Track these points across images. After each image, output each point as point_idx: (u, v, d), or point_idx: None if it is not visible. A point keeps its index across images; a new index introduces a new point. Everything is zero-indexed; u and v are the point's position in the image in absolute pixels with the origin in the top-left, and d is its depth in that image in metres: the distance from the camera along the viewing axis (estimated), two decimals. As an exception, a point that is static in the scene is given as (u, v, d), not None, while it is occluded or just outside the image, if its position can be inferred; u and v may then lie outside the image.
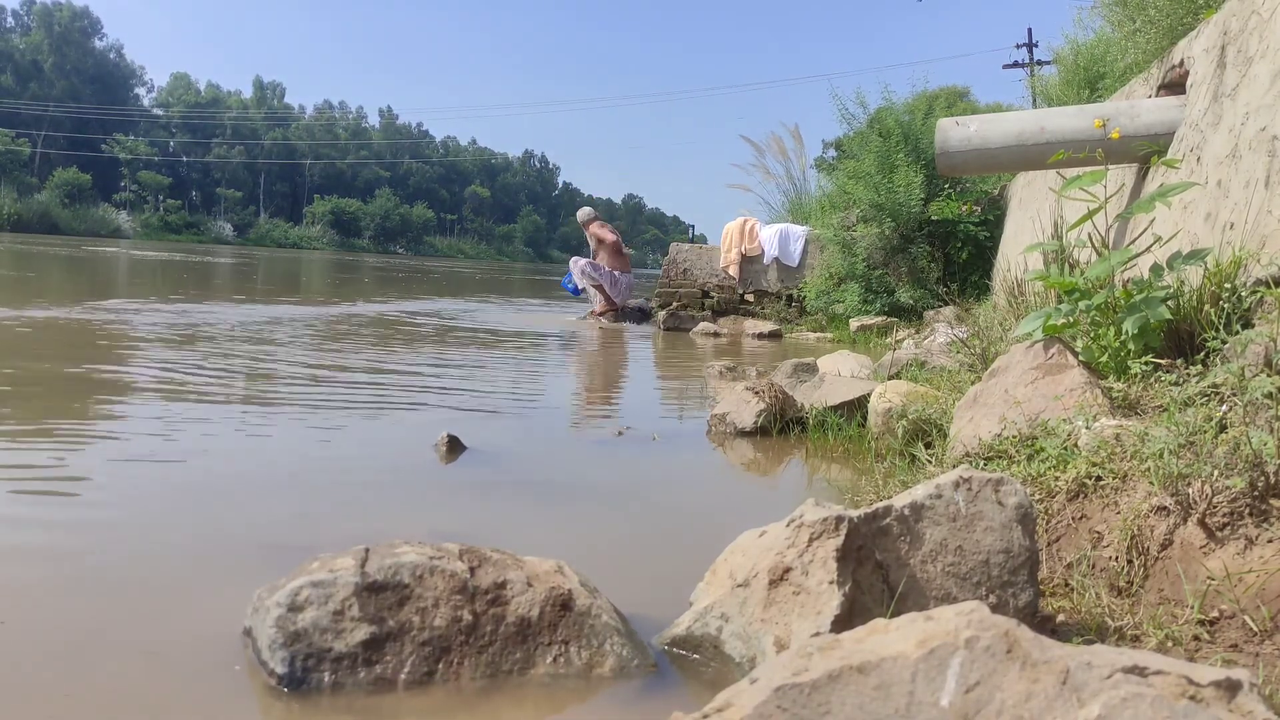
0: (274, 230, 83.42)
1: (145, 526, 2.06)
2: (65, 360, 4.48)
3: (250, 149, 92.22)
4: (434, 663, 1.33)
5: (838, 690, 0.87)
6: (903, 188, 8.38)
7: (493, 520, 2.27)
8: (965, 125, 4.43)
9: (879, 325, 7.78)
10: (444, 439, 2.89)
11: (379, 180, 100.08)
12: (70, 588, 1.67)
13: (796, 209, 12.16)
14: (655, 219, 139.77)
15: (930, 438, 2.74)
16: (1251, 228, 2.67)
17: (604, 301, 10.01)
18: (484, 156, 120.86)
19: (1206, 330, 2.24)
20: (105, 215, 68.42)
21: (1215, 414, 1.76)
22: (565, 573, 1.47)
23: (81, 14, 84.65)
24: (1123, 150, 3.85)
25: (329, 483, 2.54)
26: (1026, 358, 2.32)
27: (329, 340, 6.40)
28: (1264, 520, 1.46)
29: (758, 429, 3.37)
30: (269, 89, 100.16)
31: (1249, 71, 2.96)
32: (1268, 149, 2.68)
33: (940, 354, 4.43)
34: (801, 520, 1.43)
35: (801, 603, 1.36)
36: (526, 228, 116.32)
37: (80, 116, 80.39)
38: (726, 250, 10.02)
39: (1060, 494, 1.84)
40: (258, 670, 1.32)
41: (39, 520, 2.06)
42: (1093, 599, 1.57)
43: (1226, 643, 1.36)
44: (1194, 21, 3.89)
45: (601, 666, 1.37)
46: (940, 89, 18.55)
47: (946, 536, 1.44)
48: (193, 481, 2.45)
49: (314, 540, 1.91)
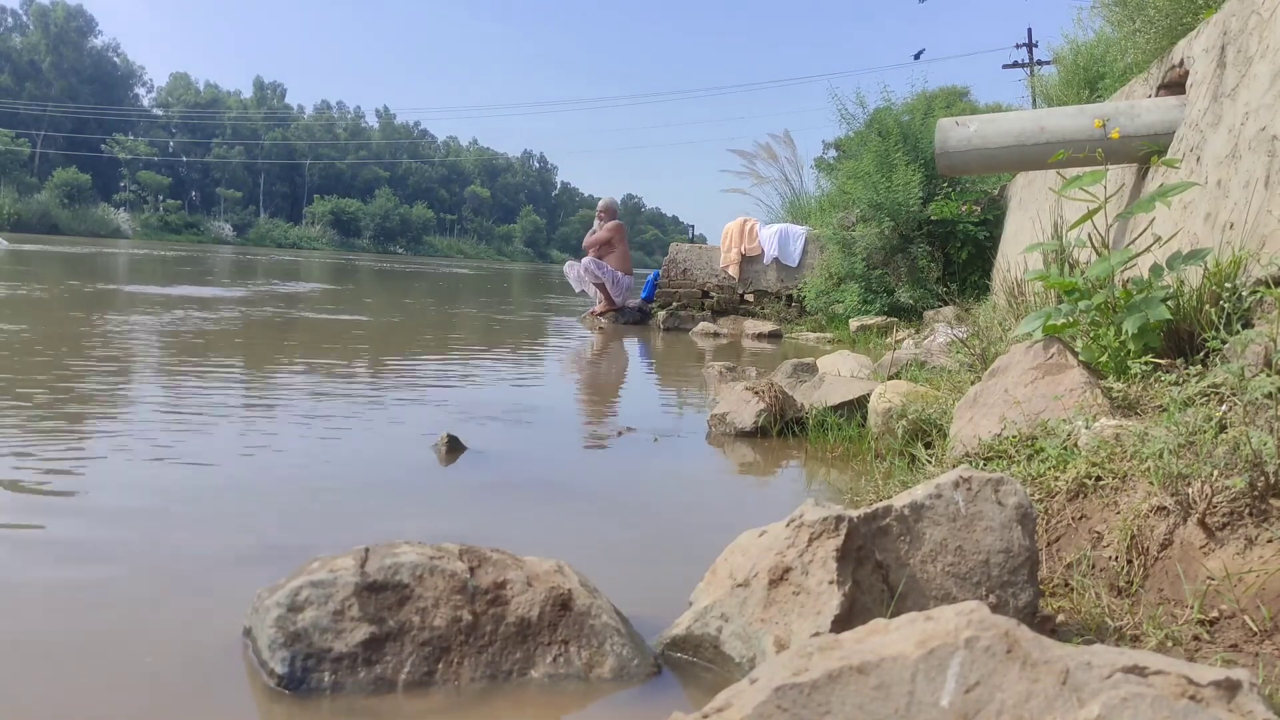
0: (274, 230, 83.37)
1: (144, 526, 2.05)
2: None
3: (250, 149, 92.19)
4: (434, 663, 1.33)
5: (838, 690, 0.87)
6: (902, 187, 8.38)
7: (493, 520, 2.27)
8: (965, 125, 4.43)
9: (879, 325, 7.77)
10: (443, 439, 2.88)
11: (378, 180, 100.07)
12: (70, 587, 1.67)
13: (795, 210, 12.16)
14: (655, 219, 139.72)
15: (930, 438, 2.74)
16: (1251, 227, 2.67)
17: (605, 301, 10.01)
18: (485, 156, 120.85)
19: (1206, 330, 2.24)
20: (105, 215, 68.34)
21: (1215, 414, 1.76)
22: (565, 572, 1.47)
23: (75, 13, 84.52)
24: (1123, 150, 3.85)
25: (328, 483, 2.54)
26: (1026, 358, 2.32)
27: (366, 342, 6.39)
28: (1264, 520, 1.46)
29: (757, 429, 3.37)
30: (269, 89, 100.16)
31: (1249, 71, 2.96)
32: (1267, 149, 2.68)
33: (940, 354, 4.43)
34: (801, 520, 1.43)
35: (801, 603, 1.36)
36: (526, 228, 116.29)
37: (79, 116, 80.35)
38: (726, 250, 10.01)
39: (1060, 494, 1.84)
40: (257, 670, 1.32)
41: (37, 519, 2.05)
42: (1092, 599, 1.57)
43: (1226, 643, 1.36)
44: (1194, 21, 3.89)
45: (601, 667, 1.37)
46: (940, 89, 18.53)
47: (946, 536, 1.44)
48: (192, 481, 2.45)
49: (313, 541, 1.91)
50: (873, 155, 8.87)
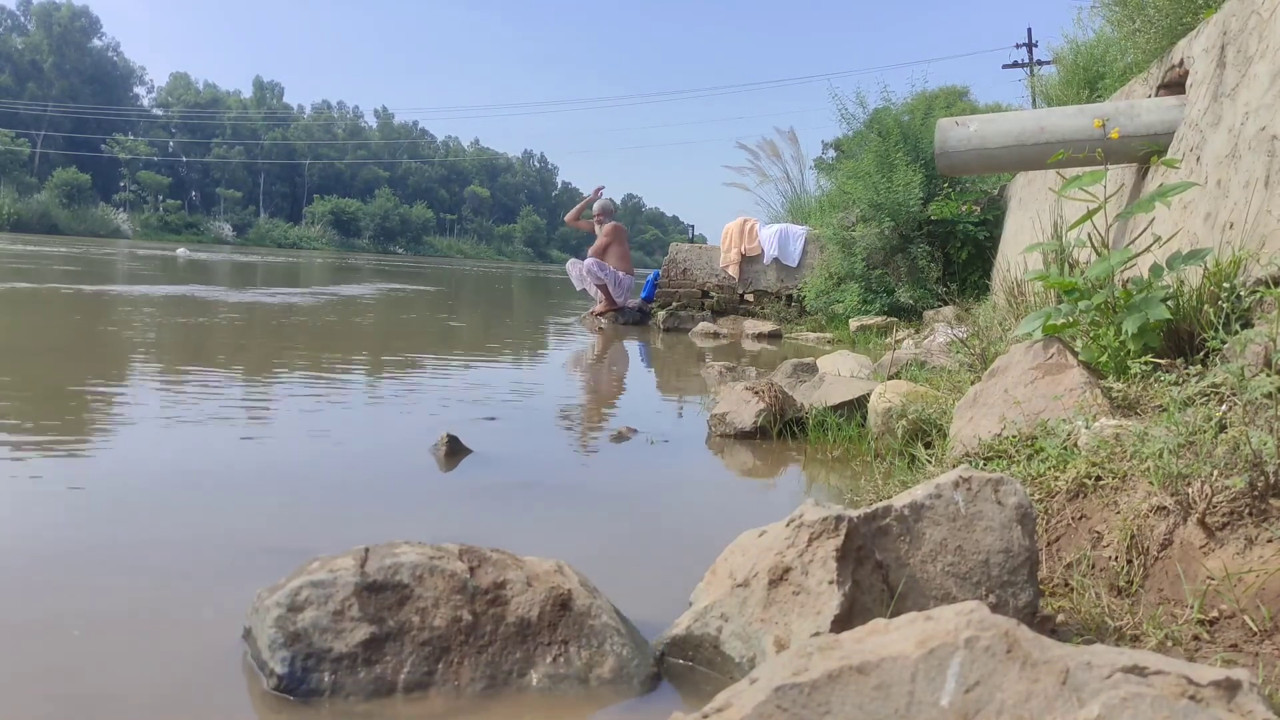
0: (273, 230, 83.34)
1: (144, 526, 2.05)
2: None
3: (249, 149, 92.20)
4: (434, 663, 1.32)
5: (837, 690, 0.87)
6: (901, 187, 8.37)
7: (492, 521, 2.27)
8: (965, 125, 4.43)
9: (879, 325, 7.77)
10: (443, 440, 2.88)
11: (378, 180, 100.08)
12: (69, 587, 1.66)
13: (796, 209, 12.15)
14: (655, 219, 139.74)
15: (930, 438, 2.74)
16: (1251, 227, 2.67)
17: (605, 301, 10.01)
18: (484, 156, 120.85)
19: (1206, 330, 2.24)
20: (104, 215, 68.32)
21: (1215, 414, 1.76)
22: (565, 572, 1.47)
23: (80, 13, 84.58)
24: (1122, 150, 3.85)
25: (328, 483, 2.54)
26: (1026, 358, 2.32)
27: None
28: (1264, 520, 1.46)
29: (757, 429, 3.37)
30: (268, 89, 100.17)
31: (1249, 71, 2.96)
32: (1267, 149, 2.68)
33: (940, 354, 4.43)
34: (801, 520, 1.43)
35: (801, 603, 1.36)
36: (526, 228, 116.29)
37: (79, 116, 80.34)
38: (726, 250, 10.01)
39: (1060, 494, 1.84)
40: (257, 671, 1.32)
41: (37, 519, 2.05)
42: (1092, 599, 1.57)
43: (1226, 643, 1.36)
44: (1194, 21, 3.89)
45: (601, 667, 1.37)
46: (939, 89, 18.52)
47: (946, 536, 1.44)
48: (191, 482, 2.45)
49: (313, 541, 1.91)
50: (873, 155, 8.87)
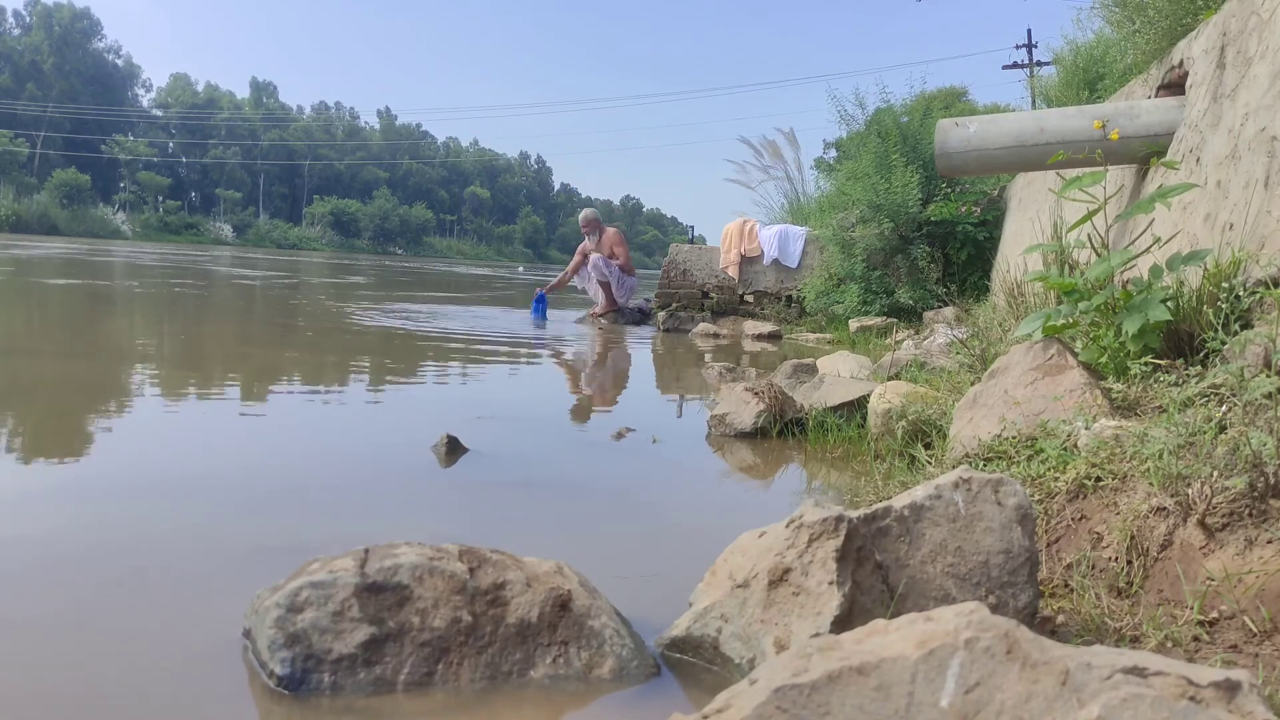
0: (273, 231, 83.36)
1: (144, 526, 2.05)
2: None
3: (249, 150, 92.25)
4: (433, 664, 1.32)
5: (837, 691, 0.87)
6: (901, 188, 8.38)
7: (492, 522, 2.27)
8: (965, 126, 4.43)
9: (878, 326, 7.78)
10: (443, 440, 2.88)
11: (377, 181, 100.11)
12: (68, 587, 1.66)
13: (795, 210, 12.15)
14: (654, 219, 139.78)
15: (930, 438, 2.74)
16: (1251, 228, 2.67)
17: (606, 301, 10.01)
18: (484, 157, 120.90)
19: (1206, 331, 2.25)
20: (104, 216, 68.33)
21: (1215, 414, 1.76)
22: (565, 573, 1.47)
23: (82, 14, 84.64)
24: (1122, 151, 3.85)
25: (328, 484, 2.54)
26: (1026, 358, 2.32)
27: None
28: (1264, 521, 1.46)
29: (757, 430, 3.37)
30: (266, 89, 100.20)
31: (1248, 72, 2.96)
32: (1267, 149, 2.68)
33: (940, 355, 4.44)
34: (801, 521, 1.43)
35: (801, 603, 1.36)
36: (526, 228, 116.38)
37: (79, 117, 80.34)
38: (726, 251, 10.01)
39: (1060, 495, 1.84)
40: (257, 671, 1.32)
41: (36, 519, 2.05)
42: (1092, 600, 1.57)
43: (1226, 643, 1.36)
44: (1193, 22, 3.89)
45: (601, 667, 1.37)
46: (939, 89, 18.54)
47: (946, 537, 1.44)
48: (189, 482, 2.44)
49: (313, 542, 1.91)
50: (872, 156, 8.87)
